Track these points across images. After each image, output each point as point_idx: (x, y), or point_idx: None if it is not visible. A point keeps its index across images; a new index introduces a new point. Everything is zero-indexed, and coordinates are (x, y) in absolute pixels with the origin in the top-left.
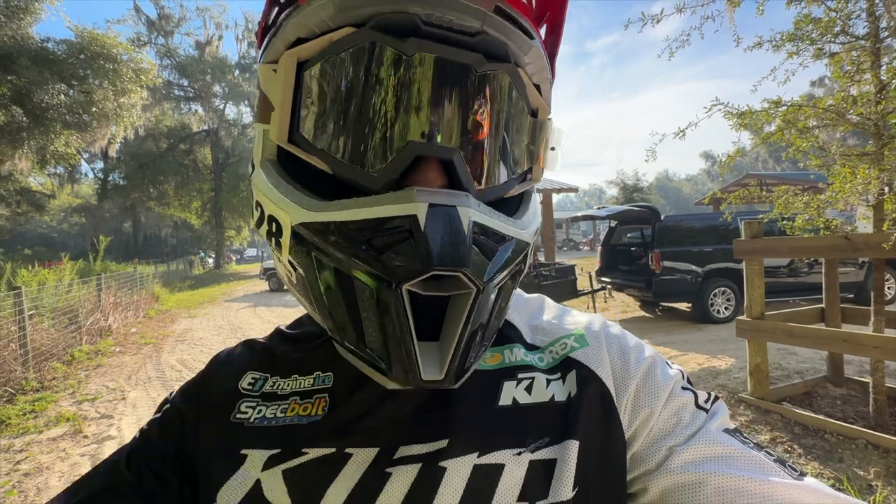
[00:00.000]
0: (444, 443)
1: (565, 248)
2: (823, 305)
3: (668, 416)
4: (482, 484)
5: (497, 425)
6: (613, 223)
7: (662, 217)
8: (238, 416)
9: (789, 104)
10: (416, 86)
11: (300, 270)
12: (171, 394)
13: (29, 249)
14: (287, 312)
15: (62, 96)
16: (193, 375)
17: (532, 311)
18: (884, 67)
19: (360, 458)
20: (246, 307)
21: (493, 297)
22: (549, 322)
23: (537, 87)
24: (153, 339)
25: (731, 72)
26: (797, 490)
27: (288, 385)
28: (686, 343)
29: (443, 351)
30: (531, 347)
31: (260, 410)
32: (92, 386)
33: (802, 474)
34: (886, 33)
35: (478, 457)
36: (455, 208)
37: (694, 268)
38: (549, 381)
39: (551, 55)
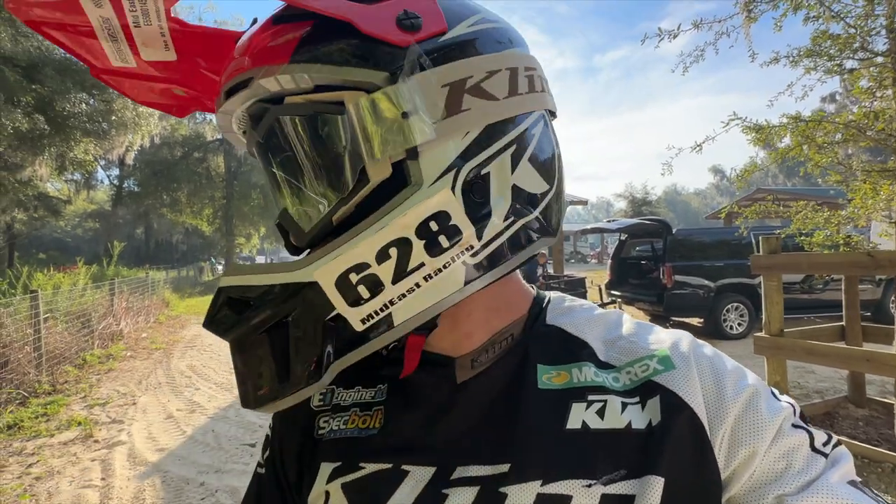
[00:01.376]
0: (505, 467)
1: (573, 261)
2: (843, 323)
3: (776, 459)
4: None
5: (564, 451)
6: (624, 236)
7: (674, 230)
8: (319, 432)
9: (808, 119)
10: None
11: None
12: (269, 428)
13: (44, 253)
14: None
15: (83, 105)
16: (208, 382)
17: (607, 325)
18: None
19: (417, 476)
20: None
21: (258, 343)
22: (627, 339)
23: (326, 86)
24: (163, 344)
25: (743, 86)
26: None
27: (350, 396)
28: None
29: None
30: (604, 366)
31: (328, 423)
32: (103, 390)
33: None
34: None
35: (542, 485)
36: (219, 287)
37: (706, 282)
38: (624, 406)
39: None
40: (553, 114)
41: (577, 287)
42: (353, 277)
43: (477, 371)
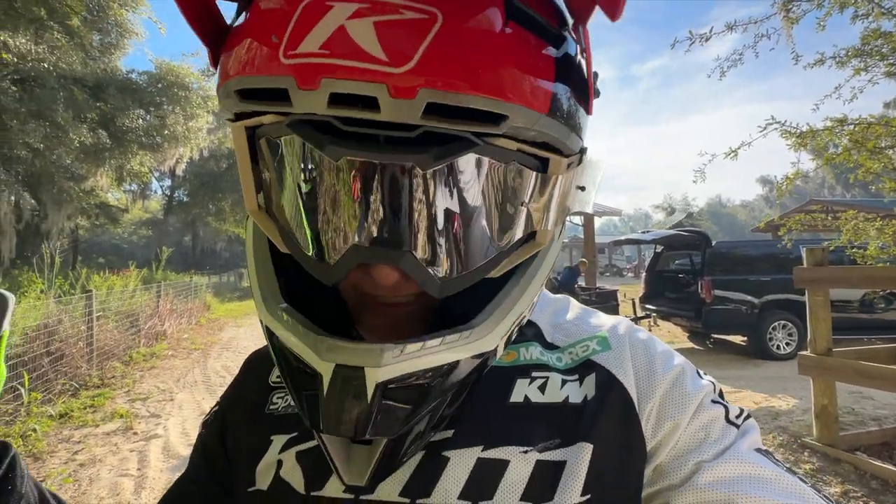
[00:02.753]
0: (449, 433)
1: (608, 274)
2: None
3: (696, 430)
4: (485, 477)
5: (505, 421)
6: (659, 248)
7: (713, 243)
8: (271, 407)
9: (857, 122)
10: (349, 190)
11: None
12: (221, 396)
13: (102, 258)
14: None
15: (140, 121)
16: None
17: (555, 309)
18: None
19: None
20: None
21: (416, 429)
22: (571, 322)
23: (540, 143)
24: (202, 345)
25: (791, 93)
26: None
27: None
28: (741, 379)
29: (369, 456)
30: (549, 346)
31: (286, 398)
32: (145, 386)
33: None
34: None
35: (482, 450)
36: (362, 371)
37: (749, 298)
38: (564, 382)
39: (580, 81)
40: None
41: (608, 300)
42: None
43: None
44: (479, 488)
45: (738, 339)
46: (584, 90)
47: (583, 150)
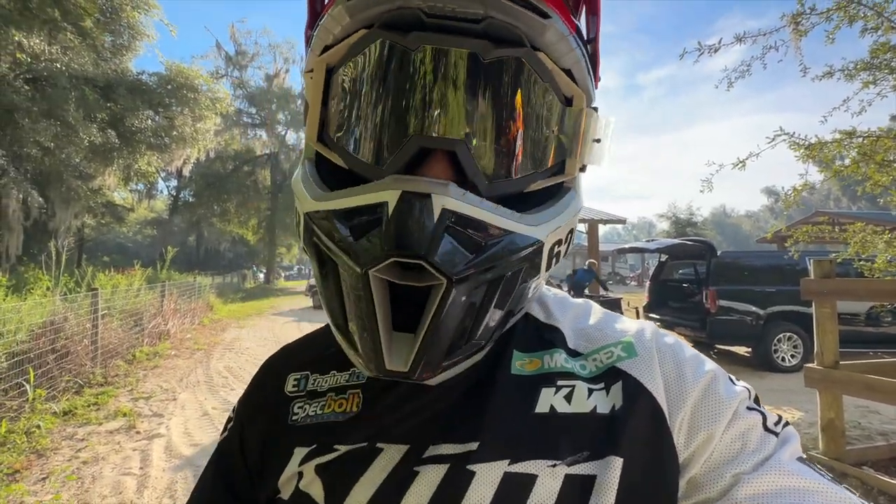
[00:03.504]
0: (473, 445)
1: (611, 283)
2: None
3: (732, 440)
4: (512, 493)
5: (532, 433)
6: (664, 257)
7: (719, 253)
8: (293, 418)
9: (866, 135)
10: (420, 79)
11: (310, 258)
12: (232, 410)
13: (107, 256)
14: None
15: (149, 121)
16: (242, 384)
17: (577, 314)
18: None
19: (390, 455)
20: (290, 321)
21: (475, 290)
22: (594, 327)
23: (568, 71)
24: (205, 345)
25: (800, 104)
26: None
27: (326, 381)
28: None
29: (413, 343)
30: (573, 353)
31: (304, 409)
32: (148, 385)
33: None
34: None
35: (509, 464)
36: (429, 196)
37: (755, 309)
38: (590, 391)
39: (591, 40)
40: None
41: (612, 308)
42: (556, 249)
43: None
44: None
45: (742, 350)
46: (594, 60)
47: (596, 106)
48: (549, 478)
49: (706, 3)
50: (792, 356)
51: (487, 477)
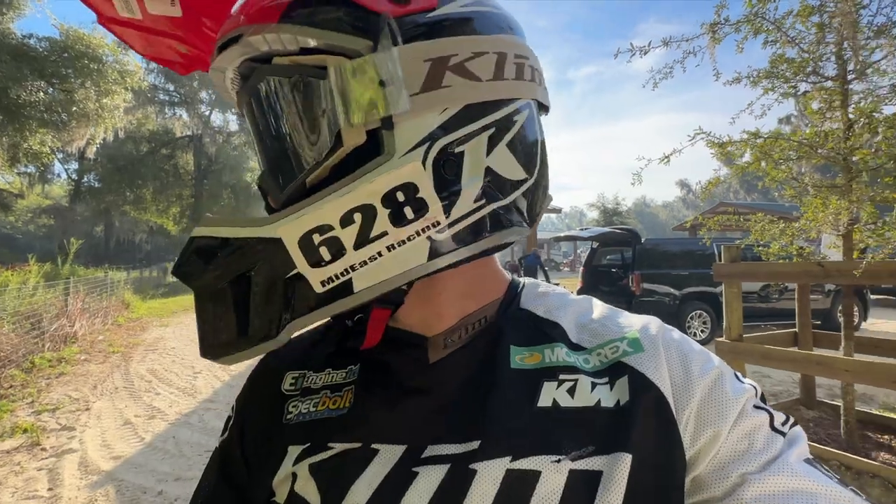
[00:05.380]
0: (475, 444)
1: (547, 268)
2: (796, 329)
3: (739, 438)
4: (516, 491)
5: (534, 428)
6: (595, 244)
7: (643, 240)
8: (287, 416)
9: (767, 136)
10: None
11: None
12: (231, 409)
13: None
14: None
15: (41, 94)
16: (170, 387)
17: (579, 309)
18: (851, 107)
19: (387, 455)
20: None
21: (220, 294)
22: (597, 322)
23: (313, 49)
24: (122, 347)
25: (709, 106)
26: None
27: (320, 379)
28: None
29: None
30: (576, 348)
31: (298, 406)
32: (53, 395)
33: None
34: (853, 76)
35: (511, 461)
36: (190, 236)
37: (672, 290)
38: (594, 385)
39: None
40: (544, 107)
41: None
42: (317, 238)
43: (449, 350)
44: (510, 502)
45: None
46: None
47: (374, 44)
48: (553, 473)
49: (628, 6)
50: (701, 331)
51: (489, 475)
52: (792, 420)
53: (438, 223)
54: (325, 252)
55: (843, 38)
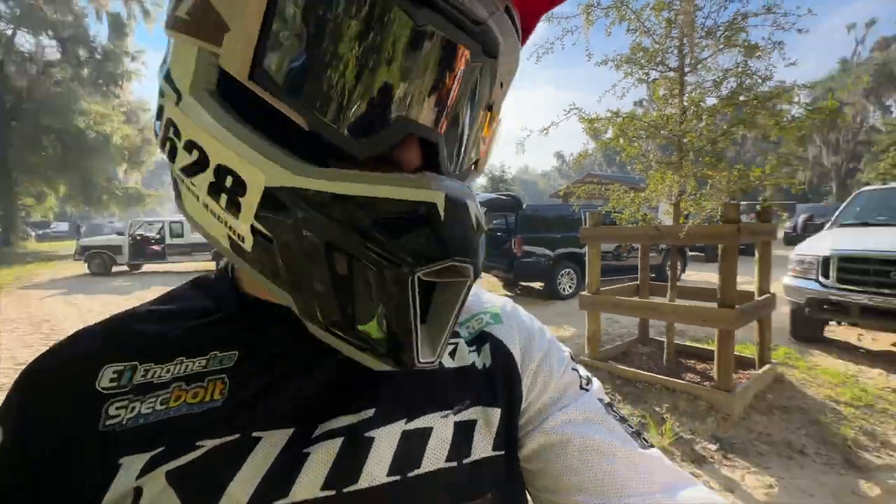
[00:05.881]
0: (370, 412)
1: None
2: (638, 282)
3: (558, 390)
4: (412, 448)
5: (424, 388)
6: (483, 209)
7: (524, 206)
8: (108, 422)
9: (624, 116)
10: (420, 61)
11: (271, 239)
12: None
13: None
14: (117, 300)
15: None
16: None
17: None
18: (686, 96)
19: (271, 442)
20: (54, 295)
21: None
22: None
23: (500, 83)
24: None
25: (581, 85)
26: (643, 457)
27: (167, 371)
28: (539, 317)
29: (435, 335)
30: None
31: (133, 408)
32: None
33: (651, 446)
34: (689, 69)
35: (406, 422)
36: (466, 202)
37: (547, 252)
38: (468, 351)
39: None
40: None
41: None
42: None
43: None
44: (407, 459)
45: (537, 285)
46: None
47: None
48: (442, 427)
49: None
50: (569, 287)
51: (386, 439)
52: (589, 377)
53: None
54: None
55: (684, 35)
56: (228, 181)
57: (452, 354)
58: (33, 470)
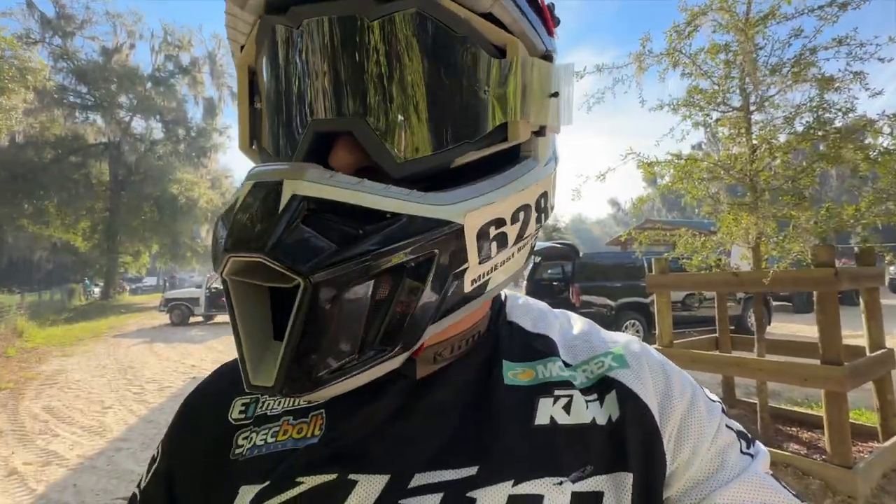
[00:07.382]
0: (473, 469)
1: None
2: (717, 335)
3: (713, 456)
4: None
5: (534, 448)
6: (538, 259)
7: (581, 254)
8: (236, 451)
9: (686, 158)
10: (307, 58)
11: None
12: (157, 449)
13: None
14: (191, 349)
15: None
16: (69, 426)
17: (561, 323)
18: (755, 134)
19: (367, 487)
20: (139, 343)
21: (356, 288)
22: (579, 338)
23: (488, 15)
24: (11, 382)
25: (631, 132)
26: None
27: (279, 404)
28: None
29: (284, 356)
30: (565, 363)
31: (251, 438)
32: None
33: None
34: (754, 107)
35: (513, 486)
36: (280, 183)
37: (608, 301)
38: (587, 403)
39: None
40: None
41: None
42: (492, 232)
43: (439, 366)
44: None
45: None
46: (537, 6)
47: (549, 54)
48: (556, 495)
49: (564, 36)
50: None
51: (490, 502)
52: (752, 438)
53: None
54: (493, 247)
55: (746, 74)
56: None
57: (568, 409)
58: (172, 485)
